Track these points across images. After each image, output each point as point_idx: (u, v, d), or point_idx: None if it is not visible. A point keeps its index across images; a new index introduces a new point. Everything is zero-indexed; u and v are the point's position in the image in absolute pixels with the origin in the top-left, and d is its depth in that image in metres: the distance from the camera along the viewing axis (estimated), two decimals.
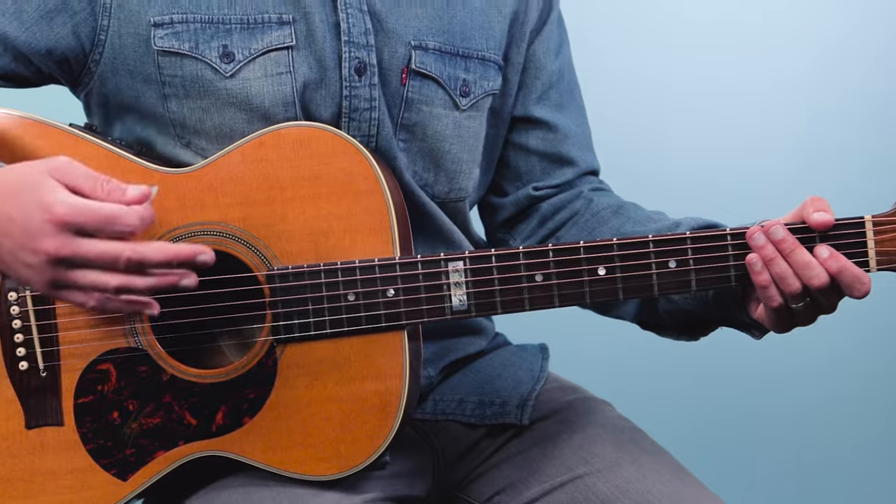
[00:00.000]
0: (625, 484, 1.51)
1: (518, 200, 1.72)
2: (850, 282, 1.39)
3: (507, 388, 1.65)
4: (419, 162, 1.60)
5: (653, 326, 1.64)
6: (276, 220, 1.44)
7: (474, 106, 1.62)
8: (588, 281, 1.44)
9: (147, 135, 1.54)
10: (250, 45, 1.50)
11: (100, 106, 1.57)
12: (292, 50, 1.51)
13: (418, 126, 1.58)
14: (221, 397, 1.45)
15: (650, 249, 1.43)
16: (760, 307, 1.46)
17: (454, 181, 1.63)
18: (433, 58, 1.58)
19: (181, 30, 1.49)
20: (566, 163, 1.72)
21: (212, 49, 1.49)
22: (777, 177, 2.80)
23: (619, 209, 1.67)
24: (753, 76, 2.81)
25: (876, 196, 2.46)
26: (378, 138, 1.55)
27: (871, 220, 1.42)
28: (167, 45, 1.49)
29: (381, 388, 1.44)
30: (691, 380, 2.83)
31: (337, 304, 1.44)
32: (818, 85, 2.82)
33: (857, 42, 2.83)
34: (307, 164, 1.45)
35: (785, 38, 2.83)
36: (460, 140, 1.61)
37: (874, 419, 2.91)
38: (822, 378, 2.88)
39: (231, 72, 1.49)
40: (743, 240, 1.42)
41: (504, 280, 1.44)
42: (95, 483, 1.46)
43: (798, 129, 2.83)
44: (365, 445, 1.45)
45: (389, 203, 1.44)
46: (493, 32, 1.64)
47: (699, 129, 2.81)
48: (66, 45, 1.51)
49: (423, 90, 1.58)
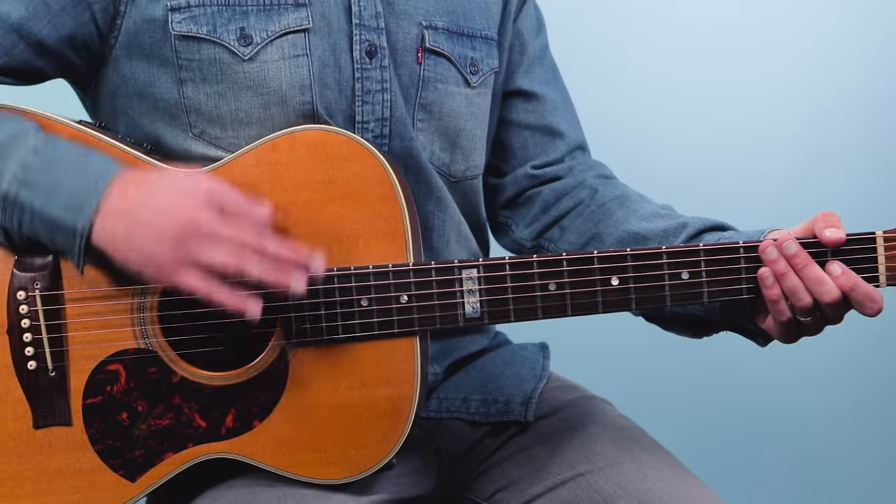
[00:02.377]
0: (626, 482, 1.53)
1: (517, 180, 1.74)
2: (862, 300, 1.41)
3: (510, 386, 1.66)
4: (437, 142, 1.61)
5: (657, 320, 1.65)
6: (289, 223, 1.44)
7: (483, 83, 1.65)
8: (601, 291, 1.44)
9: (155, 128, 1.52)
10: (267, 27, 1.50)
11: (108, 97, 1.55)
12: (309, 33, 1.51)
13: (435, 104, 1.60)
14: (232, 400, 1.45)
15: (664, 261, 1.44)
16: (769, 318, 1.47)
17: (469, 158, 1.65)
18: (444, 37, 1.61)
19: (198, 13, 1.49)
20: (557, 135, 1.74)
21: (229, 32, 1.49)
22: (777, 181, 2.81)
23: (624, 201, 1.68)
24: (753, 79, 2.81)
25: (876, 198, 2.49)
26: (392, 120, 1.55)
27: (883, 236, 1.43)
28: (185, 30, 1.48)
29: (393, 394, 1.45)
30: (691, 380, 2.85)
31: (350, 309, 1.44)
32: (819, 87, 2.82)
33: (857, 43, 2.83)
34: (321, 168, 1.44)
35: (785, 41, 2.83)
36: (473, 117, 1.64)
37: (875, 421, 2.94)
38: (824, 379, 2.90)
39: (249, 55, 1.49)
40: (755, 253, 1.43)
41: (517, 288, 1.45)
42: (103, 483, 1.46)
43: (798, 131, 2.83)
44: (375, 451, 1.45)
45: (404, 209, 1.44)
46: (490, 13, 1.68)
47: (699, 133, 2.81)
48: (86, 30, 1.50)
49: (437, 68, 1.60)
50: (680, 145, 2.81)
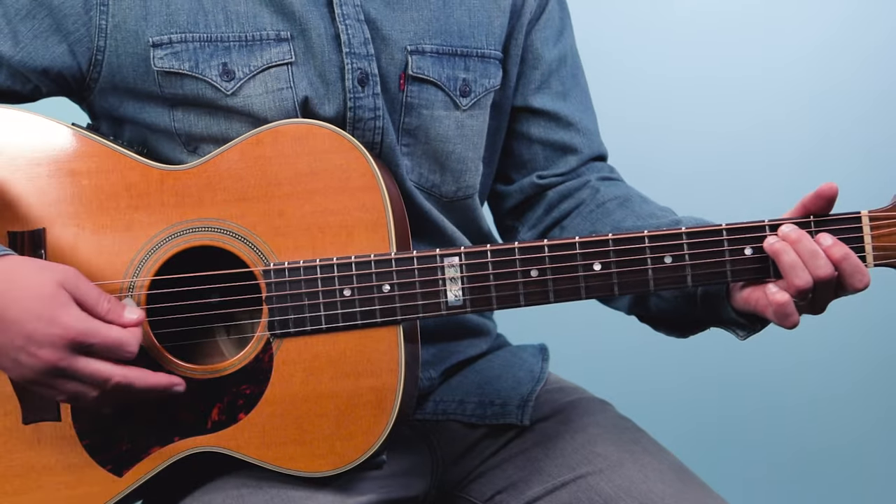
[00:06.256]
0: (627, 483, 1.51)
1: (523, 188, 1.72)
2: (852, 270, 1.39)
3: (507, 388, 1.64)
4: (424, 165, 1.60)
5: (646, 321, 1.63)
6: (273, 216, 1.45)
7: (476, 104, 1.63)
8: (583, 276, 1.44)
9: (151, 143, 1.55)
10: (250, 63, 1.51)
11: (105, 115, 1.58)
12: (292, 66, 1.52)
13: (420, 129, 1.59)
14: (217, 393, 1.45)
15: (645, 245, 1.43)
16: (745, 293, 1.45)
17: (461, 180, 1.63)
18: (430, 61, 1.59)
19: (180, 49, 1.50)
20: (569, 151, 1.71)
21: (212, 67, 1.50)
22: (783, 160, 2.79)
23: (625, 201, 1.66)
24: (754, 63, 2.80)
25: (882, 180, 2.44)
26: (382, 146, 1.55)
27: (868, 216, 1.42)
28: (167, 66, 1.50)
29: (377, 384, 1.44)
30: (691, 381, 2.82)
31: (332, 299, 1.44)
32: (820, 69, 2.80)
33: (859, 25, 2.80)
34: (304, 161, 1.46)
35: (786, 22, 2.81)
36: (464, 139, 1.62)
37: (875, 416, 2.88)
38: (823, 376, 2.86)
39: (232, 90, 1.50)
40: (738, 235, 1.42)
41: (499, 275, 1.44)
42: (91, 479, 1.46)
43: (800, 114, 2.81)
44: (360, 442, 1.44)
45: (386, 199, 1.45)
46: (492, 28, 1.64)
47: (700, 117, 2.79)
48: (61, 63, 1.52)
49: (421, 94, 1.58)
50: (681, 129, 2.80)
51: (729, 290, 1.48)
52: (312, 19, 1.53)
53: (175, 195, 1.47)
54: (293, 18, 1.52)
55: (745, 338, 1.52)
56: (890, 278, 1.51)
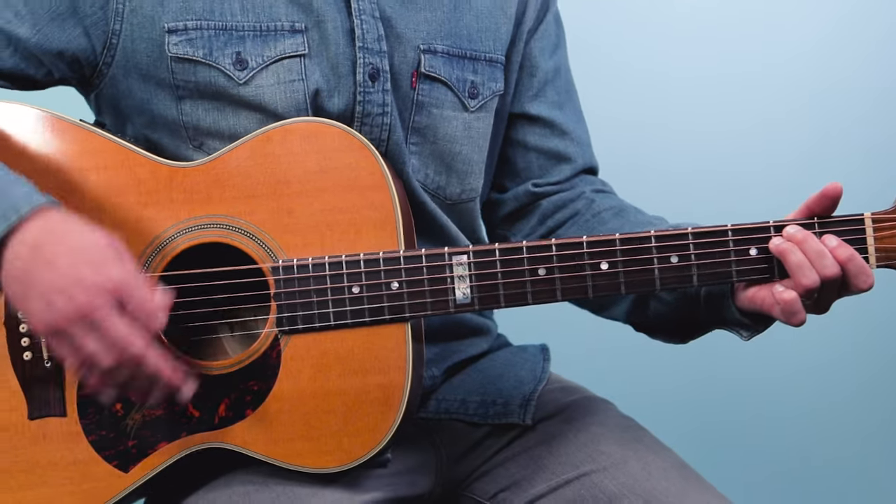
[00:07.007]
0: (631, 481, 1.52)
1: (518, 196, 1.74)
2: (857, 271, 1.41)
3: (509, 388, 1.65)
4: (431, 165, 1.62)
5: (644, 328, 1.65)
6: (282, 213, 1.46)
7: (483, 107, 1.64)
8: (591, 275, 1.45)
9: (156, 138, 1.55)
10: (263, 53, 1.52)
11: (110, 107, 1.59)
12: (305, 58, 1.53)
13: (429, 129, 1.61)
14: (224, 389, 1.46)
15: (652, 244, 1.45)
16: (750, 293, 1.47)
17: (466, 182, 1.65)
18: (442, 61, 1.61)
19: (195, 36, 1.51)
20: (563, 159, 1.73)
21: (225, 56, 1.51)
22: (782, 160, 2.80)
23: (620, 212, 1.68)
24: (753, 60, 2.81)
25: (883, 179, 2.46)
26: (389, 143, 1.57)
27: (871, 217, 1.44)
28: (181, 52, 1.51)
29: (384, 381, 1.45)
30: (692, 380, 2.83)
31: (341, 296, 1.45)
32: (820, 67, 2.81)
33: (859, 22, 2.82)
34: (314, 159, 1.46)
35: (786, 19, 2.83)
36: (470, 141, 1.64)
37: (878, 420, 2.90)
38: (826, 376, 2.87)
39: (244, 79, 1.51)
40: (743, 236, 1.44)
41: (507, 274, 1.45)
42: (97, 475, 1.46)
43: (800, 112, 2.82)
44: (367, 438, 1.45)
45: (394, 198, 1.46)
46: (499, 34, 1.66)
47: (699, 115, 2.80)
48: (76, 46, 1.52)
49: (432, 93, 1.60)
50: (680, 129, 2.80)
51: (733, 290, 1.50)
52: (329, 12, 1.54)
53: (184, 192, 1.47)
54: (309, 10, 1.54)
55: (749, 338, 1.54)
56: (892, 280, 1.53)
